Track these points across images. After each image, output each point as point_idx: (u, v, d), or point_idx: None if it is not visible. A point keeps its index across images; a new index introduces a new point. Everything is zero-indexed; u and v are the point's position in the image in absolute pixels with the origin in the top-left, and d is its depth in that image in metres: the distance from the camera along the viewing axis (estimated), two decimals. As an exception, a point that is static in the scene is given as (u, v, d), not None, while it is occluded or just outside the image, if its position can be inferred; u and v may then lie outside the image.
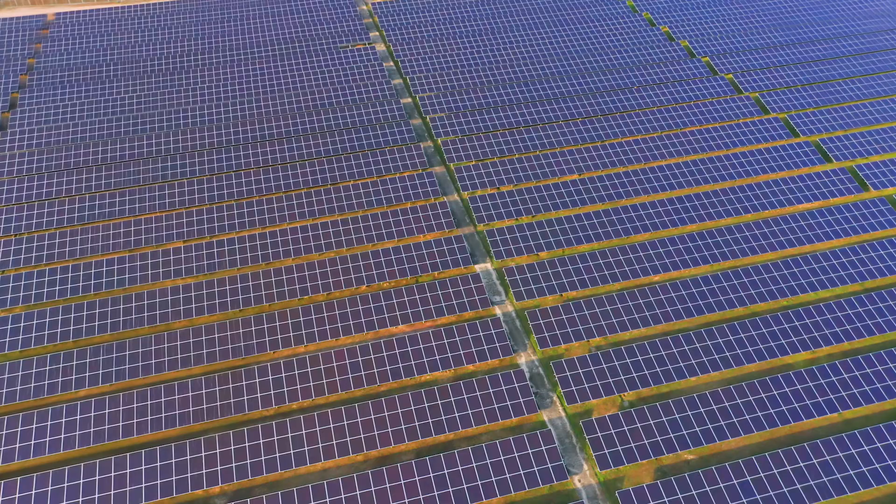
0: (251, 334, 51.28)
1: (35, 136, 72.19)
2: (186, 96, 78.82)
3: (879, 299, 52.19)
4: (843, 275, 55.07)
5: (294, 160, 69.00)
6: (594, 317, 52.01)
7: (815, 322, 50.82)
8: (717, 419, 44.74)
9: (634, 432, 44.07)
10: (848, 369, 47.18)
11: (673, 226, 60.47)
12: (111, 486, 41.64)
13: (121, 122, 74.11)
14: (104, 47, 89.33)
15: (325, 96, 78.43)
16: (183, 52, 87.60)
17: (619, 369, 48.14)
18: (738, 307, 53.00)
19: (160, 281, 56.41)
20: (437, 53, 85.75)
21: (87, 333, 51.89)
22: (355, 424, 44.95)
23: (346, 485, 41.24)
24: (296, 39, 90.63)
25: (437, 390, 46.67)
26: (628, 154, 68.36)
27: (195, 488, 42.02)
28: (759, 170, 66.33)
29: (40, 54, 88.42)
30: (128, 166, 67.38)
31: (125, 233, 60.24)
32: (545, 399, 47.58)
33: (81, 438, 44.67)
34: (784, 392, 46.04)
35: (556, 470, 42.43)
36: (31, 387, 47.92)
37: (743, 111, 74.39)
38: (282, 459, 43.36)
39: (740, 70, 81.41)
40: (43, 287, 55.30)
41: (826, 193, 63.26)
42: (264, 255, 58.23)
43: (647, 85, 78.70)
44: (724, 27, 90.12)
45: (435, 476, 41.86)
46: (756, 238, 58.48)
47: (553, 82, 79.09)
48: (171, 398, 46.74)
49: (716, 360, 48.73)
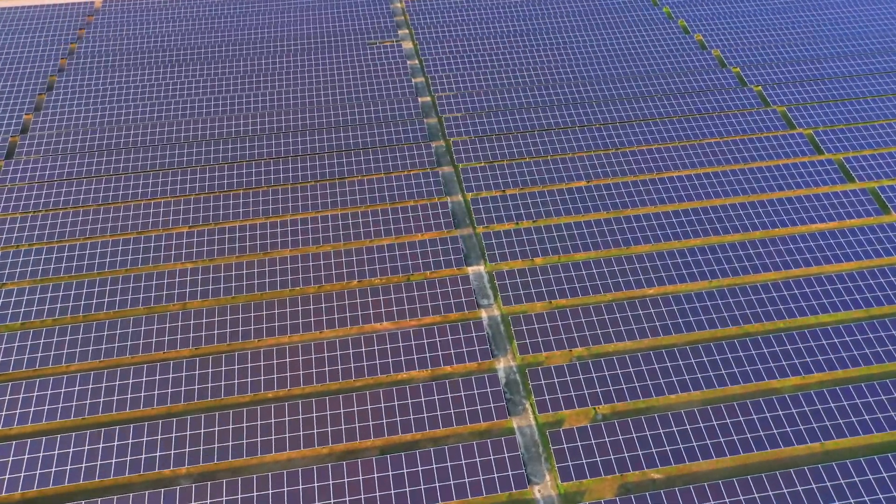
0: (238, 321, 52.31)
1: (65, 118, 75.09)
2: (213, 85, 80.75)
3: (882, 328, 49.90)
4: (848, 300, 52.85)
5: (306, 153, 69.98)
6: (579, 326, 51.24)
7: (810, 347, 48.93)
8: (690, 440, 43.56)
9: (602, 446, 43.28)
10: (836, 398, 45.30)
11: (676, 239, 59.04)
12: (83, 460, 43.11)
13: (147, 108, 76.45)
14: (145, 35, 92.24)
15: (347, 91, 79.25)
16: (217, 42, 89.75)
17: (597, 381, 47.33)
18: (731, 326, 51.42)
19: (161, 264, 58.04)
20: (463, 53, 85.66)
21: (85, 311, 53.79)
22: (324, 417, 45.42)
23: (304, 476, 41.73)
24: (327, 34, 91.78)
25: (409, 389, 46.75)
26: (640, 163, 67.01)
27: (163, 467, 43.16)
28: (776, 186, 64.15)
29: (83, 40, 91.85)
30: (147, 151, 69.48)
31: (134, 215, 62.14)
32: (518, 406, 47.14)
33: (64, 411, 46.36)
34: (765, 417, 44.51)
35: (516, 478, 42.02)
36: (25, 357, 49.98)
37: (767, 125, 72.01)
38: (248, 446, 44.14)
39: (770, 82, 78.81)
40: (50, 263, 57.53)
41: (842, 214, 60.76)
42: (262, 245, 59.29)
43: (671, 93, 76.91)
44: (759, 38, 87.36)
45: (394, 474, 41.98)
46: (760, 256, 56.60)
47: (575, 87, 78.07)
48: (154, 378, 48.07)
49: (698, 379, 47.42)
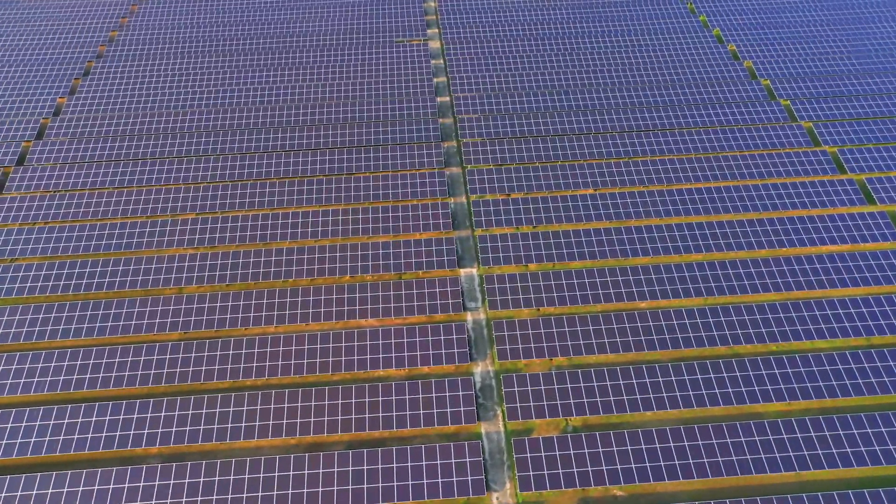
0: (227, 308, 53.40)
1: (95, 104, 77.90)
2: (240, 77, 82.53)
3: (880, 357, 47.69)
4: (848, 326, 50.71)
5: (318, 147, 70.90)
6: (563, 335, 50.56)
7: (799, 373, 47.15)
8: (658, 459, 42.52)
9: (566, 458, 42.64)
10: (818, 428, 43.54)
11: (676, 252, 57.65)
12: (61, 433, 44.73)
13: (172, 97, 78.67)
14: (181, 25, 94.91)
15: (367, 88, 79.95)
16: (251, 34, 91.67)
17: (573, 392, 46.63)
18: (720, 346, 49.96)
19: (164, 248, 59.69)
20: (488, 54, 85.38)
21: (86, 289, 55.74)
22: (296, 409, 46.00)
23: (267, 464, 42.36)
24: (356, 31, 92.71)
25: (383, 387, 46.95)
26: (651, 174, 65.63)
27: (135, 446, 44.44)
28: (789, 204, 61.97)
29: (124, 28, 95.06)
30: (166, 138, 71.51)
31: (145, 200, 64.06)
32: (489, 412, 46.82)
33: (51, 384, 48.18)
34: (740, 441, 43.11)
35: (475, 484, 41.78)
36: (23, 331, 52.10)
37: (791, 141, 69.57)
38: (219, 431, 45.06)
39: (800, 97, 76.09)
40: (60, 242, 59.80)
41: (856, 237, 58.29)
42: (262, 236, 60.36)
43: (695, 104, 75.00)
44: (795, 50, 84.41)
45: (354, 470, 42.24)
46: (762, 276, 54.80)
47: (597, 93, 76.97)
48: (139, 359, 49.49)
49: (677, 398, 46.24)
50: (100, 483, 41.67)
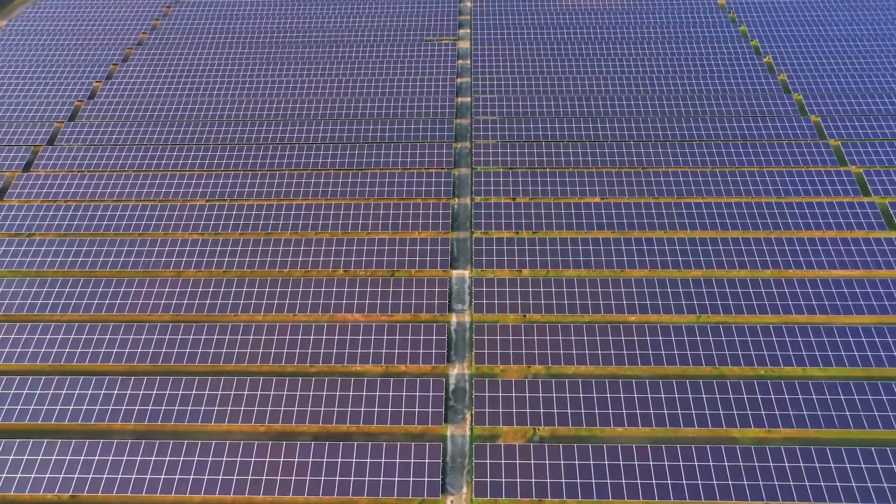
0: (219, 294, 54.61)
1: (128, 91, 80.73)
2: (268, 69, 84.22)
3: (872, 390, 45.40)
4: (845, 356, 48.44)
5: (333, 141, 71.75)
6: (545, 343, 49.87)
7: (784, 400, 45.33)
8: (620, 476, 41.55)
9: (526, 468, 42.09)
10: (794, 459, 41.78)
11: (675, 267, 56.15)
12: (45, 402, 46.58)
13: (203, 86, 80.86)
14: (223, 16, 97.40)
15: (390, 85, 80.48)
16: (285, 27, 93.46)
17: (545, 402, 45.98)
18: (706, 365, 48.45)
19: (170, 232, 61.43)
20: (515, 56, 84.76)
21: (91, 266, 57.83)
22: (268, 396, 46.73)
23: (231, 449, 43.17)
24: (388, 28, 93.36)
25: (355, 382, 47.25)
26: (661, 185, 64.06)
27: (112, 420, 45.92)
28: (802, 225, 59.58)
29: (168, 17, 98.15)
30: (188, 125, 73.58)
31: (159, 184, 66.06)
32: (458, 415, 46.59)
33: (44, 356, 50.16)
34: (708, 465, 41.75)
35: (430, 486, 41.66)
36: (26, 303, 54.45)
37: (815, 159, 66.86)
38: (191, 413, 46.14)
39: (831, 113, 73.01)
40: (74, 220, 62.21)
41: (868, 262, 55.62)
42: (265, 226, 61.47)
43: (719, 116, 72.81)
44: (834, 65, 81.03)
45: (314, 461, 42.66)
46: (760, 297, 52.89)
47: (618, 100, 75.57)
48: (128, 337, 51.06)
49: (650, 415, 45.07)
50: (72, 454, 43.21)
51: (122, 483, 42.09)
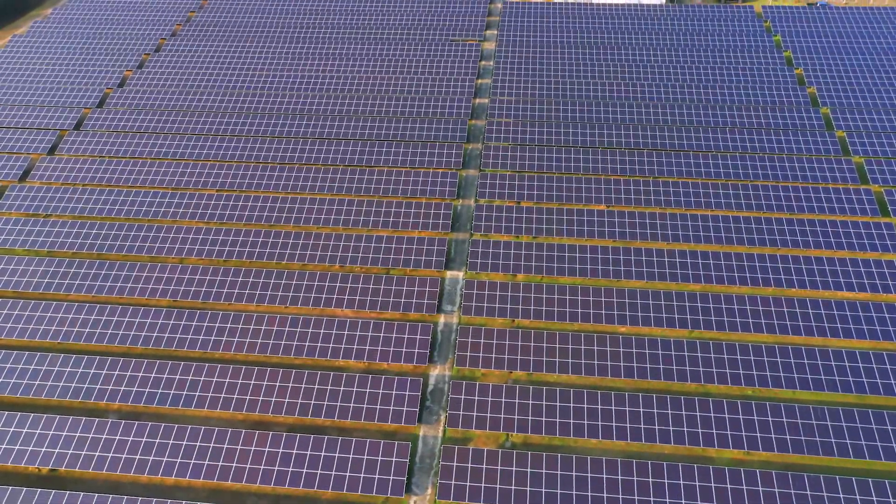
0: (216, 283, 55.71)
1: (157, 79, 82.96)
2: (295, 64, 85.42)
3: (862, 419, 43.64)
4: (838, 380, 46.68)
5: (348, 137, 72.39)
6: (530, 350, 49.42)
7: (767, 422, 43.91)
8: (587, 489, 40.91)
9: (492, 474, 41.81)
10: (769, 483, 40.49)
11: (673, 280, 54.95)
12: (38, 378, 48.29)
13: (226, 78, 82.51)
14: (258, 10, 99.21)
15: (411, 84, 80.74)
16: (315, 23, 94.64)
17: (521, 408, 45.58)
18: (691, 382, 47.30)
19: (178, 219, 62.92)
20: (537, 59, 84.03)
21: (100, 249, 59.65)
22: (248, 385, 47.48)
23: (205, 434, 44.02)
24: (416, 27, 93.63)
25: (334, 376, 47.63)
26: (669, 195, 62.75)
27: (98, 399, 47.33)
28: (812, 243, 57.60)
29: (203, 9, 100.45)
30: (208, 116, 75.21)
31: (173, 172, 67.71)
32: (433, 416, 46.53)
33: (43, 333, 51.98)
34: (678, 484, 40.79)
35: (395, 484, 41.75)
36: (34, 281, 56.50)
37: (836, 176, 64.54)
38: (174, 397, 47.22)
39: (857, 129, 70.32)
40: (89, 203, 64.25)
41: (877, 286, 53.45)
42: (269, 218, 62.42)
43: (742, 127, 70.90)
44: (865, 80, 78.02)
45: (283, 452, 43.18)
46: (757, 315, 51.36)
47: (637, 108, 74.27)
48: (124, 319, 52.54)
49: (626, 429, 44.24)
50: (55, 429, 44.68)
51: (99, 460, 43.36)
